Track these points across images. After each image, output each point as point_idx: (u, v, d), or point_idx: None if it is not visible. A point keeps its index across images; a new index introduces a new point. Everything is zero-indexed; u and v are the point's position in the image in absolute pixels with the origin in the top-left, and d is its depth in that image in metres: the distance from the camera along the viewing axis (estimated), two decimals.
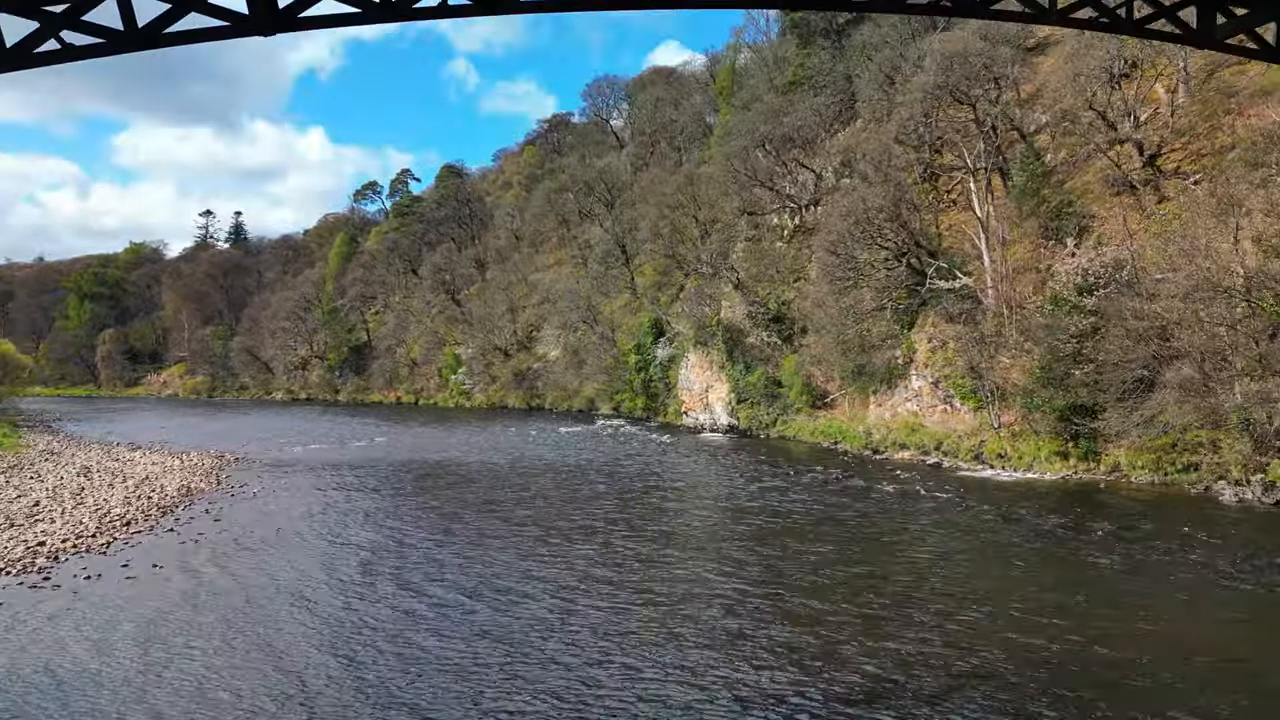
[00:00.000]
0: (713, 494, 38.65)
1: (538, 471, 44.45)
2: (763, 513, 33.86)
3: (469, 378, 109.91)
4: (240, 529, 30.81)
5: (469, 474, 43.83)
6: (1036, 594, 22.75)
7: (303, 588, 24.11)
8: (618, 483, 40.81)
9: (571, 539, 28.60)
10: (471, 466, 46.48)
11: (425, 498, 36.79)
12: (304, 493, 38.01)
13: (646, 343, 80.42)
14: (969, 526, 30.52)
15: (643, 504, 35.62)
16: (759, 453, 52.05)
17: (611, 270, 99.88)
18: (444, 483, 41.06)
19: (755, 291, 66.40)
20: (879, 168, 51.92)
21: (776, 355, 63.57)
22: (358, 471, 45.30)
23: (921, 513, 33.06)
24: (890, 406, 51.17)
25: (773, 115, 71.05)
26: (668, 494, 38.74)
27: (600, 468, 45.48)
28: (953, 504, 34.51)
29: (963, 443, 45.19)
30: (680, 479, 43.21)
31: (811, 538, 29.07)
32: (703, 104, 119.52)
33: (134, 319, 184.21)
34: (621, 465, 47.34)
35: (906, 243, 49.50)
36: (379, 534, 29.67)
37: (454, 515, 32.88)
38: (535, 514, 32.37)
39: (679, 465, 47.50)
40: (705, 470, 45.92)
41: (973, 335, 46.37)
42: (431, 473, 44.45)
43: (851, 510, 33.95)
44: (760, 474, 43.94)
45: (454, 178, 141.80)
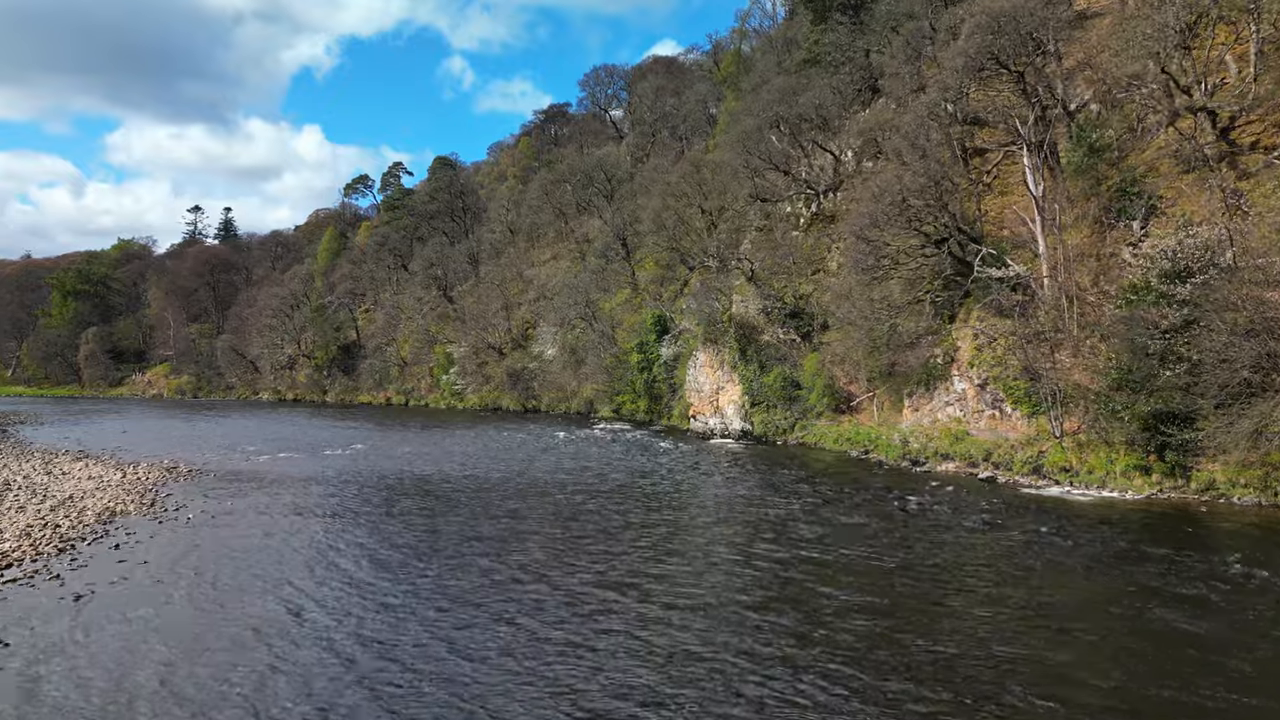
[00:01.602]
0: (733, 521, 32.73)
1: (530, 491, 38.46)
2: (795, 542, 28.09)
3: (461, 378, 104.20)
4: (147, 576, 24.12)
5: (450, 493, 37.82)
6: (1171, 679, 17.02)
7: (186, 687, 16.96)
8: (620, 507, 34.88)
9: (565, 596, 22.79)
10: (455, 483, 40.55)
11: (392, 528, 30.45)
12: (246, 520, 31.84)
13: (650, 341, 74.77)
14: (1060, 568, 24.72)
15: (650, 539, 29.71)
16: (780, 464, 46.30)
17: (611, 264, 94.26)
18: (419, 506, 34.91)
19: (770, 284, 60.66)
20: (915, 144, 46.17)
21: (795, 354, 57.86)
22: (321, 489, 39.36)
23: (990, 546, 27.25)
24: (929, 411, 45.43)
25: (787, 93, 65.29)
26: (679, 521, 32.87)
27: (601, 487, 39.55)
28: (1025, 533, 28.75)
29: (1017, 453, 39.47)
30: (693, 500, 37.38)
31: (859, 585, 23.17)
32: (706, 93, 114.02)
33: (119, 317, 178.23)
34: (624, 481, 41.51)
35: (949, 226, 43.76)
36: (321, 588, 22.85)
37: (425, 555, 26.50)
38: (525, 557, 26.13)
39: (691, 482, 41.62)
40: (722, 488, 40.09)
41: (1026, 330, 40.68)
42: (407, 491, 38.42)
43: (902, 542, 28.18)
44: (786, 491, 38.16)
45: (446, 170, 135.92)
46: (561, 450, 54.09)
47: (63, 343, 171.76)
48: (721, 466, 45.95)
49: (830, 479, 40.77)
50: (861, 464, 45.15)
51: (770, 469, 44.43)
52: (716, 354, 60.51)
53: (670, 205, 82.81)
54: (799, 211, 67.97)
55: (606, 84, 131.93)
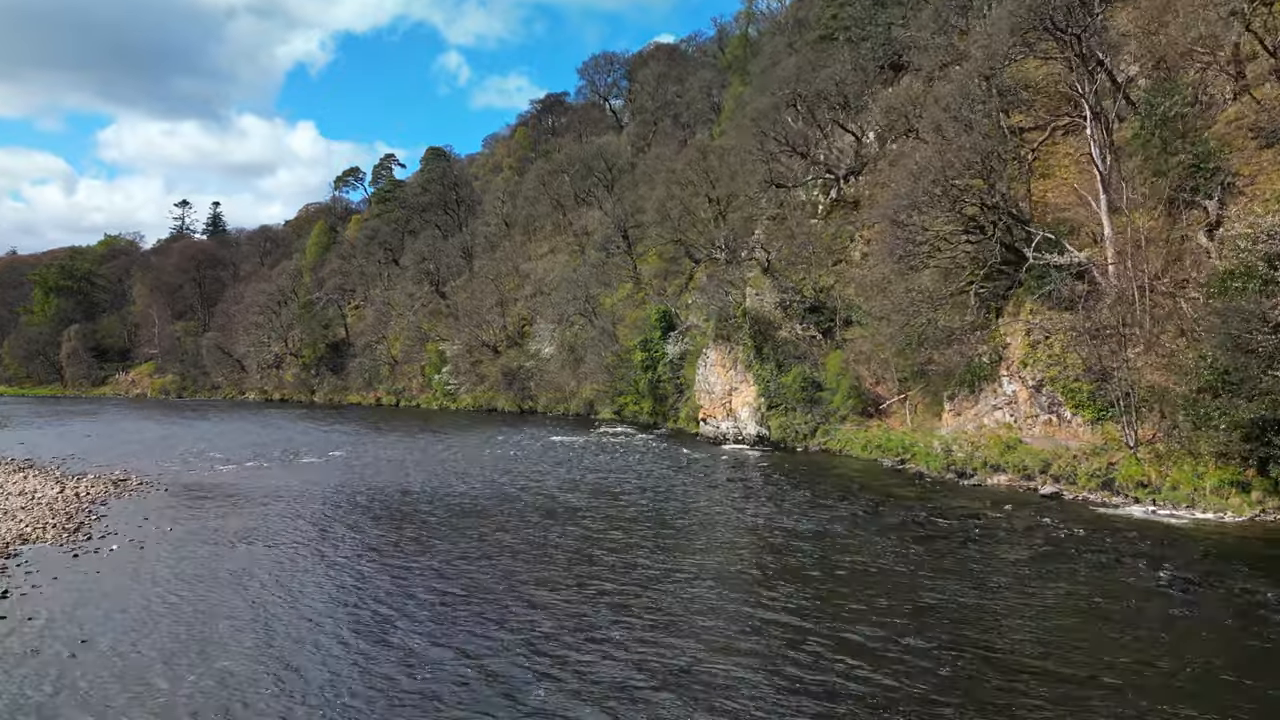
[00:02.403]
0: (756, 548, 27.73)
1: (521, 512, 33.20)
2: (835, 591, 23.13)
3: (454, 377, 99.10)
4: (30, 635, 19.26)
5: (430, 516, 32.53)
6: None
7: None
8: (624, 533, 29.78)
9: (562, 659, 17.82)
10: (436, 504, 35.33)
11: (356, 566, 25.08)
12: (181, 554, 26.52)
13: (654, 338, 69.71)
14: (1185, 626, 19.78)
15: (659, 574, 24.74)
16: (803, 474, 41.33)
17: (612, 258, 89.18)
18: (390, 538, 29.42)
19: (787, 276, 55.68)
20: (957, 117, 41.18)
21: (815, 352, 52.91)
22: (282, 510, 34.11)
23: (1087, 590, 22.26)
24: (973, 416, 40.47)
25: (804, 70, 60.27)
26: (693, 548, 27.83)
27: (602, 510, 34.35)
28: (1120, 569, 23.82)
29: (1081, 465, 34.52)
30: (709, 521, 32.35)
31: (922, 668, 18.13)
32: (711, 79, 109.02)
33: (104, 314, 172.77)
34: (629, 499, 36.45)
35: (1000, 207, 38.79)
36: (253, 654, 18.01)
37: (390, 617, 20.88)
38: (512, 619, 20.83)
39: (705, 498, 36.52)
40: (741, 505, 35.06)
41: (1089, 325, 35.75)
42: (380, 515, 33.04)
43: (965, 577, 23.23)
44: (816, 511, 33.19)
45: (439, 160, 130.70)
46: (558, 460, 49.04)
47: (44, 341, 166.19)
48: (738, 479, 40.94)
49: (865, 495, 35.77)
50: (898, 476, 40.15)
51: (794, 482, 39.42)
52: (729, 352, 55.52)
53: (675, 194, 77.86)
54: (815, 199, 63.04)
55: (606, 71, 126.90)
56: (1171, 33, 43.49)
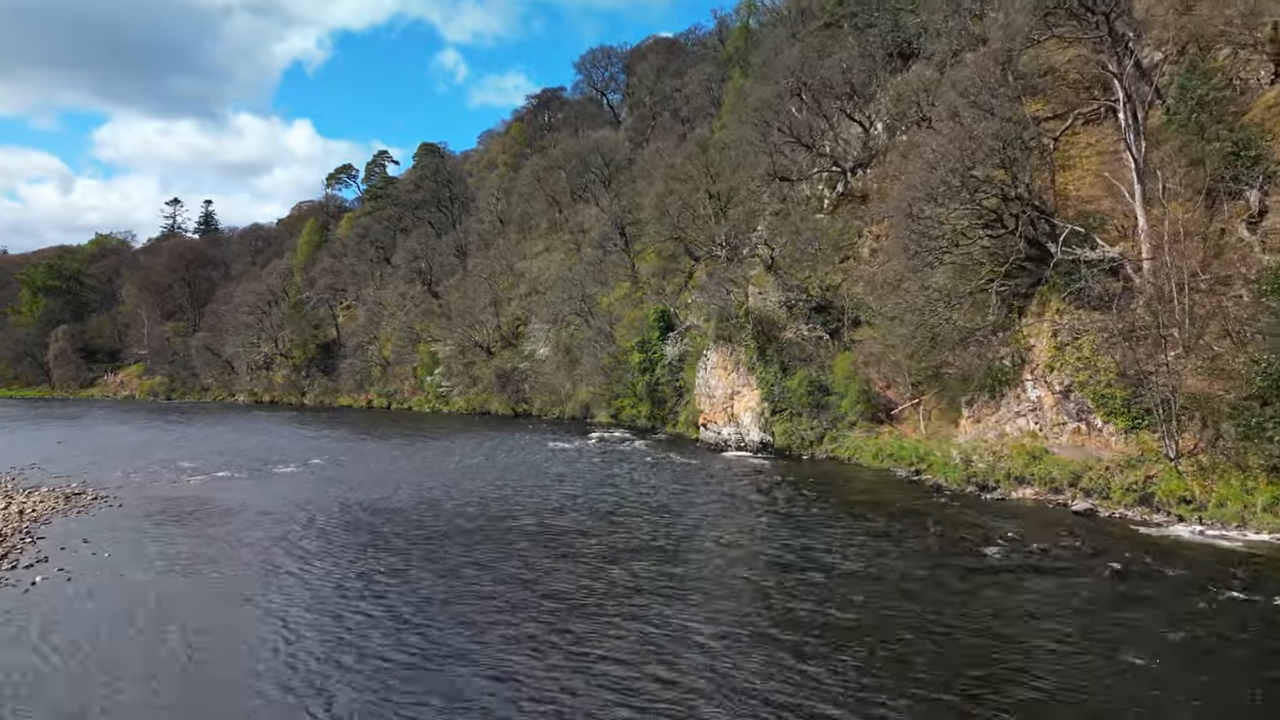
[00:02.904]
0: (773, 591, 24.80)
1: (506, 539, 30.03)
2: (863, 629, 20.31)
3: (447, 379, 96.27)
4: None
5: (400, 542, 29.11)
6: None
7: None
8: (621, 569, 26.71)
9: None
10: (412, 525, 32.18)
11: (298, 613, 22.07)
12: (113, 584, 23.41)
13: (652, 338, 66.95)
14: None
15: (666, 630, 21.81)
16: (812, 487, 38.52)
17: (609, 256, 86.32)
18: (351, 564, 26.07)
19: (792, 274, 52.89)
20: (976, 101, 38.37)
21: (822, 354, 50.12)
22: (238, 529, 31.04)
23: (1152, 634, 19.46)
24: (994, 423, 37.67)
25: (810, 57, 57.44)
26: (703, 591, 24.89)
27: (596, 531, 31.43)
28: (1181, 604, 21.00)
29: (1115, 478, 31.75)
30: (715, 551, 29.46)
31: None
32: (711, 73, 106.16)
33: (93, 315, 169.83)
34: (624, 520, 33.56)
35: (1024, 199, 35.98)
36: None
37: (333, 670, 18.15)
38: (476, 696, 17.75)
39: (709, 521, 33.60)
40: (749, 528, 32.21)
41: (1122, 325, 32.99)
42: (345, 540, 29.61)
43: (1027, 629, 20.40)
44: (830, 530, 30.41)
45: (433, 157, 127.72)
46: (550, 471, 46.16)
47: (32, 341, 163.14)
48: (743, 494, 38.08)
49: (882, 512, 32.94)
50: (913, 488, 37.34)
51: (805, 497, 36.58)
52: (730, 353, 52.72)
53: (674, 189, 75.06)
54: (821, 193, 60.25)
55: (604, 66, 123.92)
56: (1203, 12, 40.80)
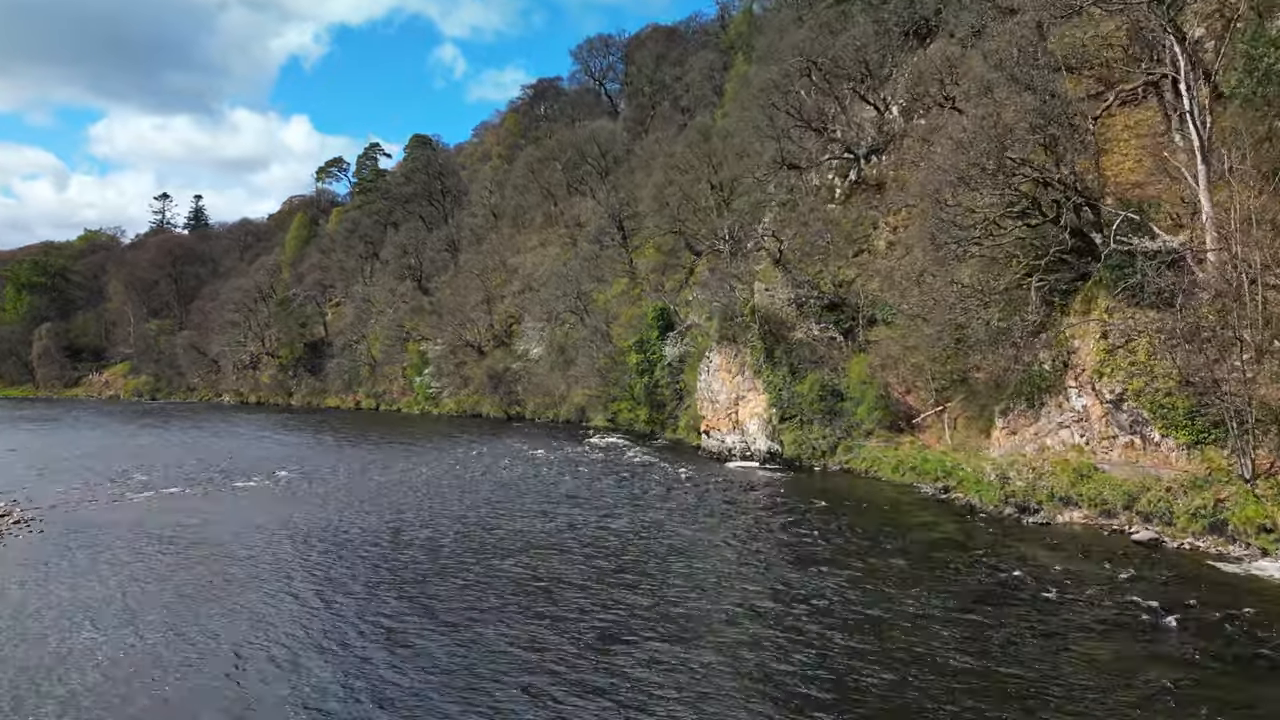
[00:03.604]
0: (791, 645, 20.78)
1: (486, 580, 25.75)
2: None
3: (437, 379, 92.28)
4: None
5: (352, 584, 24.54)
6: None
7: None
8: (616, 622, 22.57)
9: None
10: (370, 559, 27.95)
11: (201, 684, 17.94)
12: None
13: (651, 338, 62.93)
14: None
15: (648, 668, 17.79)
16: (828, 506, 34.49)
17: (606, 250, 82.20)
18: (284, 609, 22.17)
19: (802, 269, 48.83)
20: (1015, 75, 34.25)
21: (836, 355, 46.07)
22: (168, 568, 26.81)
23: None
24: (1033, 435, 33.60)
25: (821, 33, 53.28)
26: (708, 644, 20.84)
27: (587, 566, 27.24)
28: None
29: (1178, 500, 27.69)
30: (713, 576, 25.46)
31: None
32: (712, 60, 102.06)
33: (79, 312, 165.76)
34: (618, 551, 29.48)
35: (1067, 184, 31.91)
36: None
37: None
38: None
39: (714, 549, 29.53)
40: (759, 558, 28.16)
41: (1184, 326, 28.90)
42: (284, 578, 24.96)
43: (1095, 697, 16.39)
44: (854, 562, 26.36)
45: (424, 149, 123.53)
46: (540, 488, 42.12)
47: (16, 339, 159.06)
48: (751, 515, 34.03)
49: (911, 539, 28.92)
50: (942, 508, 33.28)
51: (821, 519, 32.52)
52: (735, 355, 48.65)
53: (674, 180, 71.08)
54: (831, 182, 56.17)
55: (601, 54, 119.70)
56: None
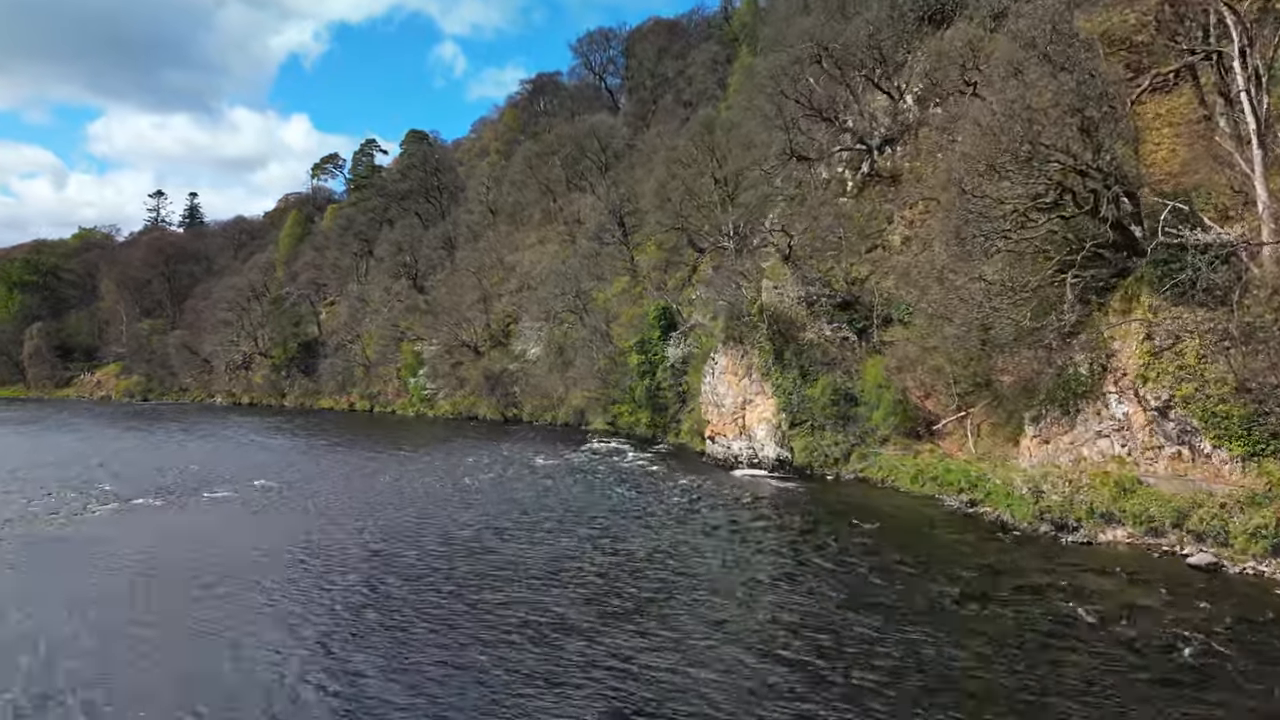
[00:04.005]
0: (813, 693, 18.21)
1: (473, 613, 23.21)
2: None
3: (432, 381, 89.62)
4: None
5: (320, 624, 22.07)
6: None
7: None
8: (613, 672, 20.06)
9: None
10: (350, 588, 25.41)
11: None
12: None
13: (652, 338, 60.34)
14: None
15: None
16: (845, 520, 31.95)
17: (606, 248, 79.54)
18: (230, 669, 19.72)
19: (813, 266, 46.24)
20: (1049, 55, 31.63)
21: (849, 357, 43.46)
22: (110, 600, 24.24)
23: None
24: (1068, 445, 30.99)
25: (833, 17, 50.62)
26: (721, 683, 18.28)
27: (593, 591, 24.67)
28: None
29: (1234, 519, 25.11)
30: (731, 613, 22.87)
31: None
32: (715, 53, 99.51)
33: (71, 311, 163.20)
34: (625, 569, 26.91)
35: (1107, 170, 29.29)
36: None
37: None
38: None
39: (723, 569, 26.94)
40: (773, 582, 25.59)
41: (1240, 325, 26.31)
42: (236, 629, 22.63)
43: None
44: (882, 589, 23.80)
45: (421, 144, 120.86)
46: (538, 496, 39.56)
47: (7, 339, 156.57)
48: (765, 531, 31.46)
49: (942, 561, 26.37)
50: (969, 524, 30.69)
51: (837, 536, 29.95)
52: (741, 357, 46.06)
53: (676, 174, 68.49)
54: (842, 175, 53.55)
55: (602, 48, 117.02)
56: None
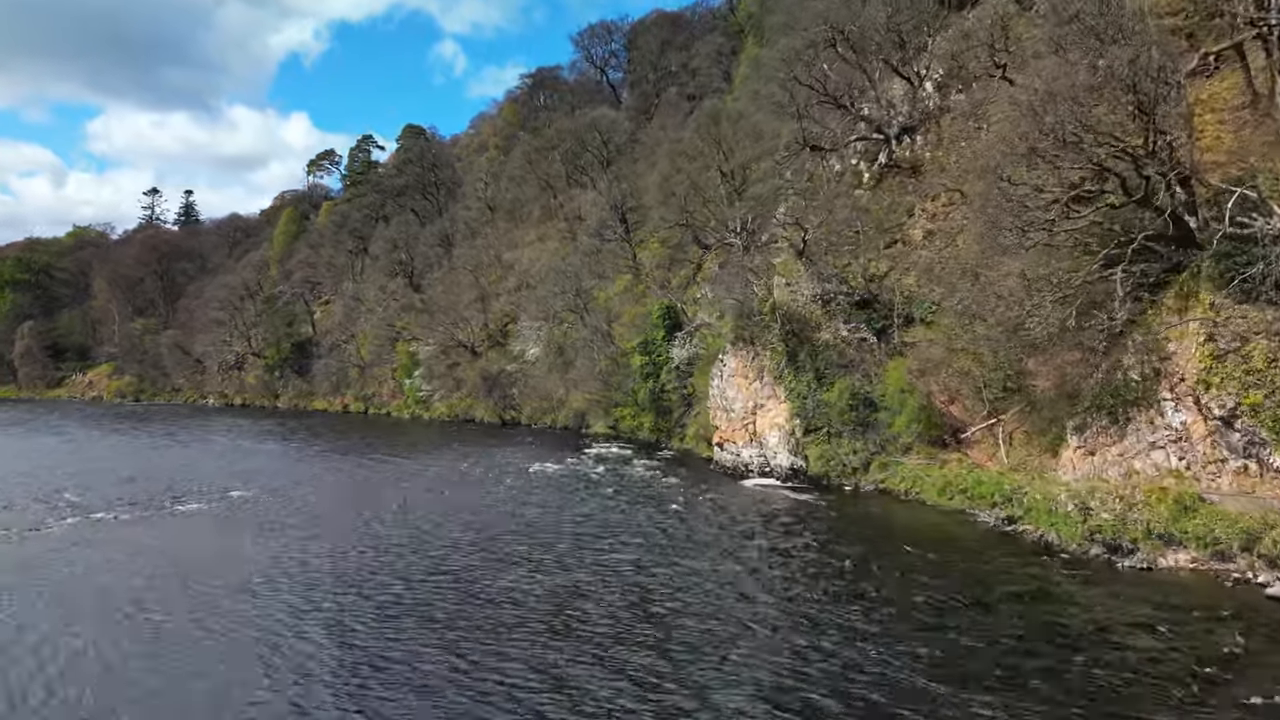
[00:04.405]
0: None
1: (451, 679, 20.25)
2: None
3: (428, 382, 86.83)
4: None
5: (273, 675, 19.77)
6: None
7: None
8: None
9: None
10: (313, 628, 22.56)
11: None
12: None
13: (656, 338, 57.61)
14: None
15: None
16: (870, 538, 29.25)
17: (608, 244, 76.72)
18: None
19: (829, 262, 43.46)
20: (1095, 28, 28.79)
21: (868, 359, 40.66)
22: (36, 642, 21.69)
23: None
24: (1118, 456, 28.17)
25: None
26: None
27: (603, 640, 21.69)
28: None
29: None
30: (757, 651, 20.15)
31: None
32: (720, 45, 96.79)
33: (63, 310, 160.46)
34: (637, 609, 24.08)
35: (1162, 155, 26.48)
36: None
37: None
38: None
39: (739, 604, 24.21)
40: (801, 610, 22.88)
41: None
42: (176, 673, 20.20)
43: None
44: (914, 623, 21.06)
45: (418, 139, 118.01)
46: (537, 511, 36.83)
47: None
48: (786, 554, 28.68)
49: (978, 585, 23.62)
50: (1008, 544, 27.87)
51: (865, 557, 27.19)
52: (752, 359, 43.27)
53: (681, 168, 65.85)
54: (856, 167, 50.74)
55: (604, 41, 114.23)
56: None
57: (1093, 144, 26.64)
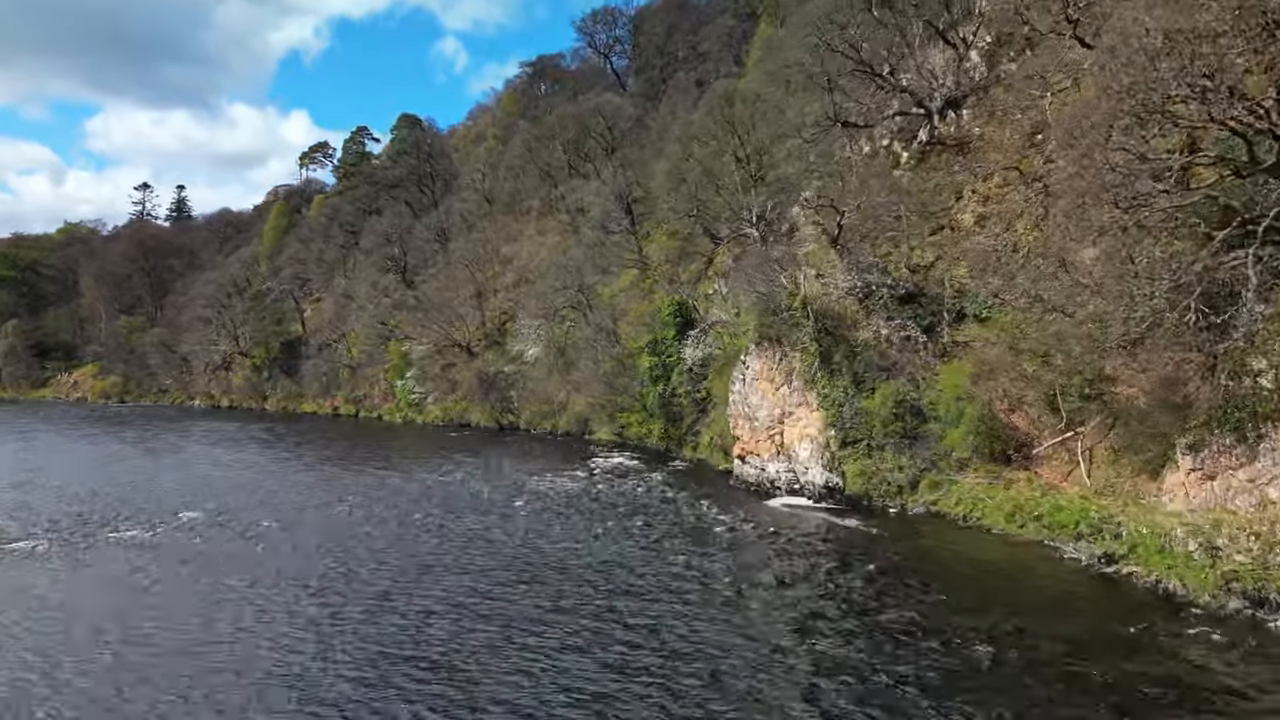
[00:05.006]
0: None
1: None
2: None
3: (421, 383, 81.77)
4: None
5: None
6: None
7: None
8: None
9: None
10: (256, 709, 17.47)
11: None
12: None
13: (667, 338, 52.49)
14: None
15: None
16: (931, 579, 24.06)
17: (612, 238, 71.52)
18: None
19: (867, 251, 38.25)
20: None
21: (914, 361, 35.42)
22: None
23: None
24: (1246, 483, 22.91)
25: None
26: None
27: (613, 698, 16.66)
28: None
29: None
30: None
31: None
32: (731, 27, 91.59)
33: (50, 308, 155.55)
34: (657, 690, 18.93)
35: None
36: None
37: None
38: None
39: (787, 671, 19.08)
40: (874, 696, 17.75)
41: None
42: None
43: None
44: None
45: (413, 129, 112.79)
46: (535, 541, 31.67)
47: None
48: (828, 596, 23.51)
49: (1095, 663, 18.42)
50: (1112, 589, 22.66)
51: (935, 610, 22.01)
52: (779, 360, 38.00)
53: (692, 153, 60.88)
54: (890, 147, 45.54)
55: (608, 26, 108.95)
56: None
57: (1229, 101, 21.37)
